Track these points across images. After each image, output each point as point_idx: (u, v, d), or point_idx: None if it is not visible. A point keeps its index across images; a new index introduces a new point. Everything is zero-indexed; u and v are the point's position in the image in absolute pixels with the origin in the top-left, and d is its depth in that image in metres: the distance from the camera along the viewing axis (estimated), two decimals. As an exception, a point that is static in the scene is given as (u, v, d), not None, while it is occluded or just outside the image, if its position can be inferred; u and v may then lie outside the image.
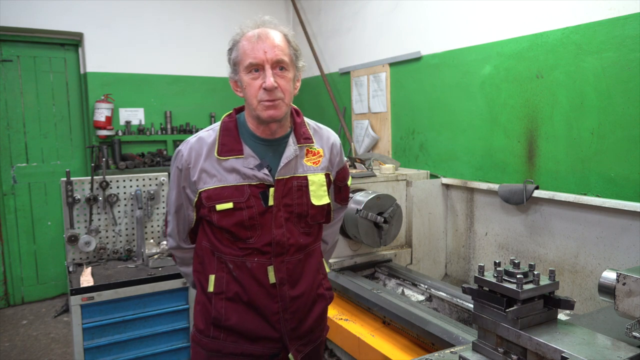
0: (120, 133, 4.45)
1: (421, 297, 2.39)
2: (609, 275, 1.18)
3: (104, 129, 4.33)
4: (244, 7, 5.04)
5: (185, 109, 4.89)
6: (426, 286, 2.41)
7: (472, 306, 1.31)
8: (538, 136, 2.54)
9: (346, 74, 4.26)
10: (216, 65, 4.90)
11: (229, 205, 1.42)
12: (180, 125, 4.80)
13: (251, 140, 1.49)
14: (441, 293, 2.32)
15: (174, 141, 4.75)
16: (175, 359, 2.67)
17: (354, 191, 2.68)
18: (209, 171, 1.45)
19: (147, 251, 2.79)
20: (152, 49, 4.68)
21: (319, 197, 1.53)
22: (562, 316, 1.57)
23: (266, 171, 1.45)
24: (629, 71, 2.10)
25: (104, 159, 3.49)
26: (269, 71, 1.38)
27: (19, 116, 4.39)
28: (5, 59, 4.31)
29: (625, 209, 2.10)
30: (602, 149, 2.24)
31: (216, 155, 1.46)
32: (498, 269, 1.16)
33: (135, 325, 2.56)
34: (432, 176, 3.21)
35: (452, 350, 1.41)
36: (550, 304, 1.16)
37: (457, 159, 3.08)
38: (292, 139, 1.51)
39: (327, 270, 1.70)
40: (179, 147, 1.52)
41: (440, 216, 3.13)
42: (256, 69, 1.39)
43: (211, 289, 1.49)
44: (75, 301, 2.40)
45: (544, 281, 1.15)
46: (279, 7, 5.20)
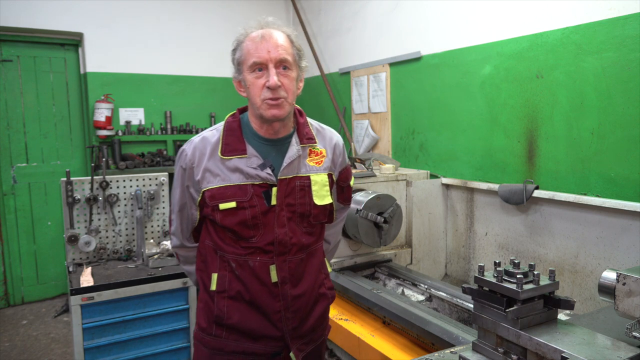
0: (120, 133, 4.44)
1: (421, 297, 2.40)
2: (609, 275, 1.18)
3: (104, 129, 4.33)
4: (244, 7, 5.04)
5: (185, 109, 4.89)
6: (426, 286, 2.41)
7: (472, 306, 1.31)
8: (538, 136, 2.54)
9: (346, 74, 4.26)
10: (216, 65, 4.91)
11: (232, 204, 1.43)
12: (180, 125, 4.80)
13: (254, 140, 1.50)
14: (441, 293, 2.32)
15: (174, 141, 4.75)
16: (175, 359, 2.67)
17: (354, 191, 2.68)
18: (213, 170, 1.46)
19: (147, 251, 2.79)
20: (152, 49, 4.68)
21: (322, 197, 1.53)
22: (562, 316, 1.57)
23: (269, 171, 1.46)
24: (629, 71, 2.10)
25: (104, 159, 3.49)
26: (272, 70, 1.39)
27: (19, 116, 4.39)
28: (5, 59, 4.31)
29: (625, 209, 2.11)
30: (602, 149, 2.24)
31: (220, 154, 1.47)
32: (498, 269, 1.16)
33: (135, 325, 2.56)
34: (432, 176, 3.21)
35: (452, 350, 1.41)
36: (550, 304, 1.16)
37: (457, 159, 3.08)
38: (295, 139, 1.52)
39: (329, 270, 1.70)
40: (183, 147, 1.54)
41: (440, 216, 3.13)
42: (260, 68, 1.41)
43: (214, 287, 1.50)
44: (75, 301, 2.40)
45: (544, 281, 1.15)
46: (279, 7, 5.20)
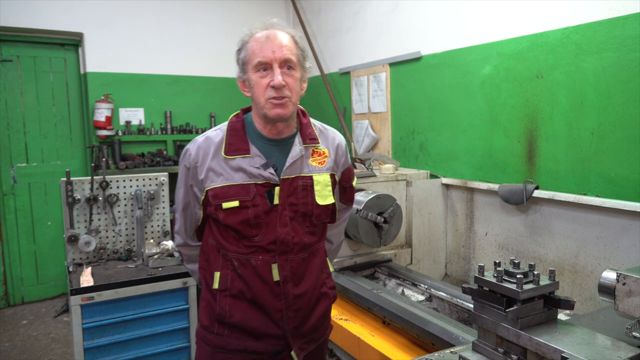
0: (120, 133, 4.44)
1: (421, 297, 2.40)
2: (609, 275, 1.18)
3: (104, 129, 4.33)
4: (244, 7, 5.03)
5: (185, 109, 4.89)
6: (426, 286, 2.41)
7: (472, 306, 1.31)
8: (538, 136, 2.54)
9: (346, 74, 4.26)
10: (216, 65, 4.91)
11: (235, 203, 1.44)
12: (180, 125, 4.80)
13: (258, 140, 1.51)
14: (441, 293, 2.32)
15: (174, 141, 4.75)
16: (175, 359, 2.67)
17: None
18: (216, 170, 1.47)
19: (147, 251, 2.79)
20: (152, 49, 4.68)
21: (324, 197, 1.54)
22: (562, 316, 1.57)
23: (272, 170, 1.47)
24: (629, 71, 2.10)
25: (104, 159, 3.49)
26: (277, 70, 1.41)
27: (19, 116, 4.39)
28: (5, 59, 4.31)
29: (625, 209, 2.10)
30: (602, 149, 2.24)
31: (223, 154, 1.48)
32: (498, 269, 1.16)
33: (135, 325, 2.56)
34: (432, 176, 3.21)
35: (452, 350, 1.41)
36: (550, 304, 1.16)
37: (457, 159, 3.08)
38: (298, 139, 1.53)
39: (331, 269, 1.71)
40: (187, 146, 1.55)
41: (440, 216, 3.13)
42: (264, 67, 1.42)
43: (216, 286, 1.51)
44: (75, 301, 2.40)
45: (544, 281, 1.15)
46: (279, 7, 5.20)
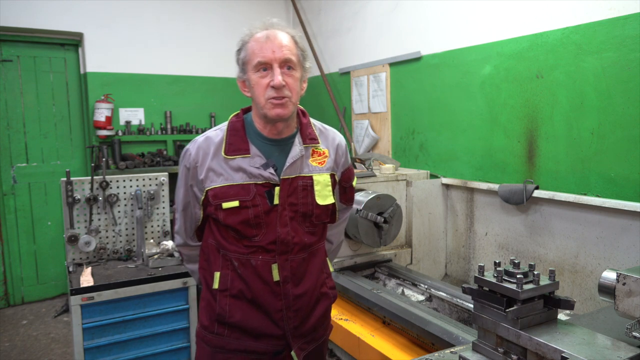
0: (120, 133, 4.44)
1: (421, 297, 2.39)
2: (609, 275, 1.18)
3: (104, 129, 4.33)
4: (244, 7, 5.03)
5: (185, 109, 4.89)
6: (426, 286, 2.41)
7: (472, 306, 1.31)
8: (538, 136, 2.54)
9: (346, 74, 4.26)
10: (216, 65, 4.91)
11: (235, 203, 1.44)
12: (180, 125, 4.80)
13: (258, 140, 1.51)
14: (441, 293, 2.32)
15: (174, 141, 4.75)
16: (175, 359, 2.67)
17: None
18: (216, 170, 1.47)
19: (147, 251, 2.79)
20: (152, 49, 4.68)
21: (324, 197, 1.54)
22: (562, 316, 1.57)
23: (272, 170, 1.47)
24: (629, 71, 2.10)
25: (104, 159, 3.49)
26: (277, 70, 1.41)
27: (19, 116, 4.39)
28: (5, 59, 4.31)
29: (625, 209, 2.10)
30: (602, 149, 2.24)
31: (223, 154, 1.48)
32: (498, 269, 1.16)
33: (135, 325, 2.56)
34: (432, 176, 3.21)
35: (452, 350, 1.41)
36: (550, 304, 1.16)
37: (457, 159, 3.08)
38: (298, 139, 1.53)
39: (331, 269, 1.71)
40: (187, 146, 1.55)
41: (440, 216, 3.13)
42: (264, 67, 1.42)
43: (216, 286, 1.51)
44: (75, 301, 2.40)
45: (544, 281, 1.15)
46: (279, 7, 5.20)
